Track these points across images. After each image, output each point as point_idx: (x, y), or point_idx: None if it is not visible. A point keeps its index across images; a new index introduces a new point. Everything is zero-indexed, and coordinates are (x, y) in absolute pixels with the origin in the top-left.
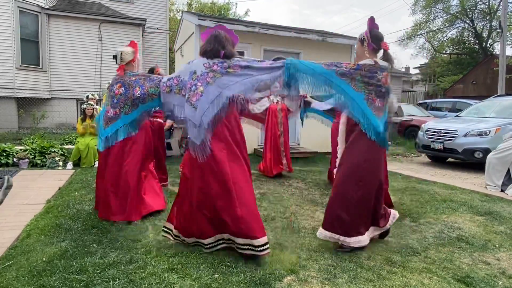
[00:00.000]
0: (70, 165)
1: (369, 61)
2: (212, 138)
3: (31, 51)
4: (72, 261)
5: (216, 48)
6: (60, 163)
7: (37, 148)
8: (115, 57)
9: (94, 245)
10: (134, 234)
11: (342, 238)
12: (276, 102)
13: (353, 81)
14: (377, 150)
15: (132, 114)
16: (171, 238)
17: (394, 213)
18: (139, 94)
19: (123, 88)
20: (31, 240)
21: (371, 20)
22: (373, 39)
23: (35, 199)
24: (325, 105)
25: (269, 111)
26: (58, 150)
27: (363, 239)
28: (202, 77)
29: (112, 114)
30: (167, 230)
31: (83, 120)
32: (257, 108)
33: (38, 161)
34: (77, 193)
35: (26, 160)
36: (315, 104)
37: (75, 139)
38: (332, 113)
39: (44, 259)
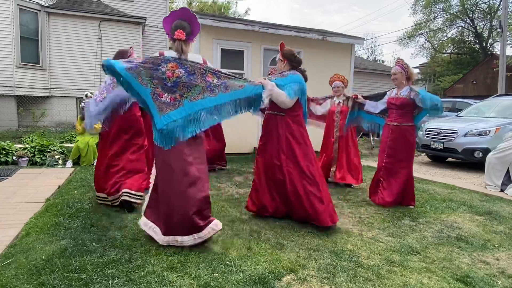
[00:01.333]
0: (69, 163)
1: (157, 53)
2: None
3: (31, 49)
4: (72, 259)
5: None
6: (60, 162)
7: (37, 147)
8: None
9: (94, 243)
10: (134, 233)
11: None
12: (338, 103)
13: (139, 76)
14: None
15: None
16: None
17: (215, 224)
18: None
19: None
20: (30, 238)
21: (173, 12)
22: (171, 29)
23: (35, 198)
24: (380, 105)
25: (328, 113)
26: (58, 149)
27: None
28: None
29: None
30: None
31: (83, 119)
32: (319, 110)
33: (38, 160)
34: (76, 191)
35: (26, 158)
36: (369, 106)
37: (75, 137)
38: (384, 114)
39: (43, 257)
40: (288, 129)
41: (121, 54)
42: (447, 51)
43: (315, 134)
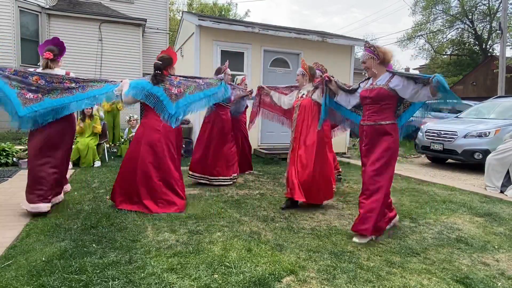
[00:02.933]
0: (69, 165)
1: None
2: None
3: (31, 50)
4: (72, 261)
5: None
6: None
7: None
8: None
9: (94, 245)
10: (134, 234)
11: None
12: (301, 96)
13: (10, 81)
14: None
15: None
16: None
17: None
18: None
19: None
20: (30, 240)
21: (46, 41)
22: (44, 51)
23: None
24: (353, 100)
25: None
26: None
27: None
28: None
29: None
30: None
31: (83, 120)
32: (287, 102)
33: None
34: (76, 193)
35: (26, 159)
36: (341, 99)
37: (75, 138)
38: (359, 110)
39: (43, 258)
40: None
41: (218, 70)
42: (447, 53)
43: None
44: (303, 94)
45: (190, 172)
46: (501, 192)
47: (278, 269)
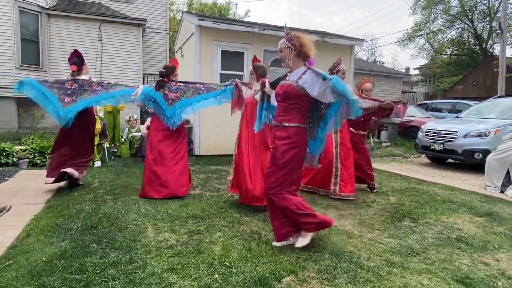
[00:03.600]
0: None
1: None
2: None
3: (31, 51)
4: (72, 261)
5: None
6: None
7: (37, 148)
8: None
9: (94, 245)
10: (134, 234)
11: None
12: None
13: (52, 89)
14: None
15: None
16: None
17: None
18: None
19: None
20: (30, 240)
21: (72, 52)
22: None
23: (35, 199)
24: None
25: None
26: None
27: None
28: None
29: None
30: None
31: None
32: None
33: (38, 161)
34: (76, 193)
35: (26, 160)
36: (273, 98)
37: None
38: None
39: (43, 259)
40: None
41: (261, 70)
42: (447, 53)
43: None
44: (250, 93)
45: None
46: (501, 192)
47: (279, 269)
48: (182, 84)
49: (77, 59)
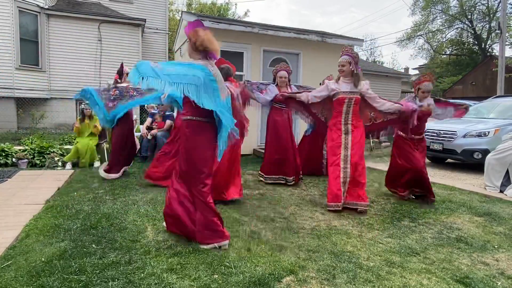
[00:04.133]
0: (69, 165)
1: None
2: None
3: (30, 51)
4: (71, 261)
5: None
6: (59, 163)
7: (36, 148)
8: None
9: (93, 245)
10: (133, 235)
11: None
12: None
13: (101, 96)
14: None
15: None
16: None
17: None
18: None
19: None
20: (30, 240)
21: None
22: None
23: (34, 199)
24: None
25: None
26: (57, 150)
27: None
28: None
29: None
30: None
31: (82, 120)
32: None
33: (37, 161)
34: (76, 193)
35: (25, 160)
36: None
37: (74, 139)
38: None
39: (43, 259)
40: None
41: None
42: (446, 53)
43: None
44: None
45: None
46: (501, 191)
47: (278, 269)
48: (118, 92)
49: (120, 70)
